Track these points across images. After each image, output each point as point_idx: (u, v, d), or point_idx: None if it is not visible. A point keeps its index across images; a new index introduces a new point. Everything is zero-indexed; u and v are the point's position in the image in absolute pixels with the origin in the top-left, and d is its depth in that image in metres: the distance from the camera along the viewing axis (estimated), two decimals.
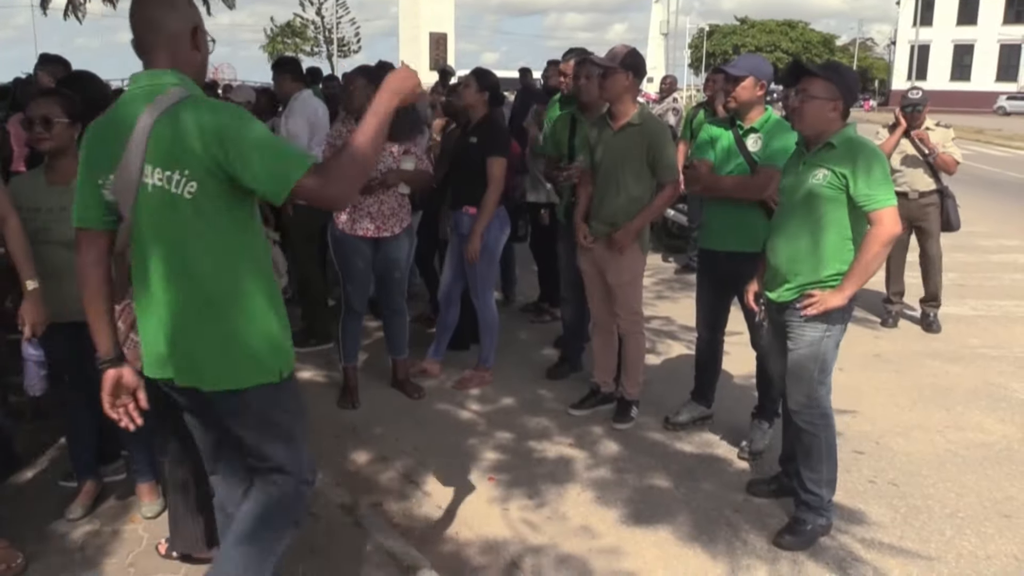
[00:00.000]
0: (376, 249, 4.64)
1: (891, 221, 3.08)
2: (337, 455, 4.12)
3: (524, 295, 6.94)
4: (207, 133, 2.03)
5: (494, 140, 4.82)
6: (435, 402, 4.81)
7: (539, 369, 5.31)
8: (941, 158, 5.98)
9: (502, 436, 4.36)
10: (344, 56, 44.35)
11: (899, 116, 6.09)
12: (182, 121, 2.04)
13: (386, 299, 4.86)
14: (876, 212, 3.07)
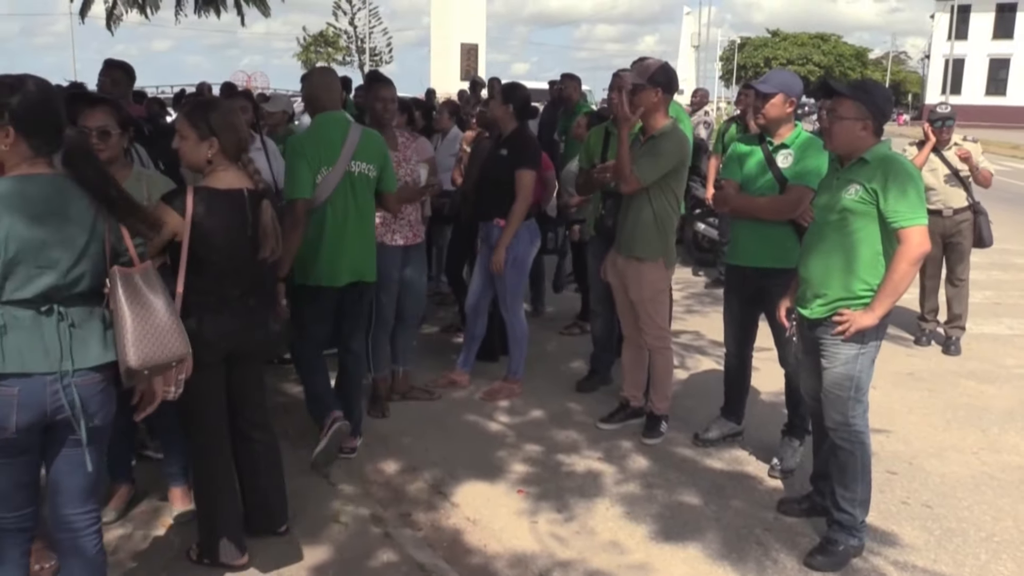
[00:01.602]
0: (406, 257, 4.68)
1: (919, 239, 3.05)
2: (366, 464, 4.14)
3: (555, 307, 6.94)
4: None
5: (524, 153, 4.84)
6: (463, 413, 4.81)
7: (568, 382, 5.30)
8: (983, 174, 5.92)
9: (531, 449, 4.36)
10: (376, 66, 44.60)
11: (928, 131, 6.02)
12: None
13: (412, 308, 4.87)
14: (904, 230, 3.05)
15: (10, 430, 2.29)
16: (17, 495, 2.43)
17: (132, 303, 2.34)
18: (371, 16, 44.88)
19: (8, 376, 2.26)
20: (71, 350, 2.32)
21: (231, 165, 3.00)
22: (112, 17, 9.42)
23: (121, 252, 2.41)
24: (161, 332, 2.38)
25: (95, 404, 2.39)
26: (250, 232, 2.98)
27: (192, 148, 2.96)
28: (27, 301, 2.27)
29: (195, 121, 2.96)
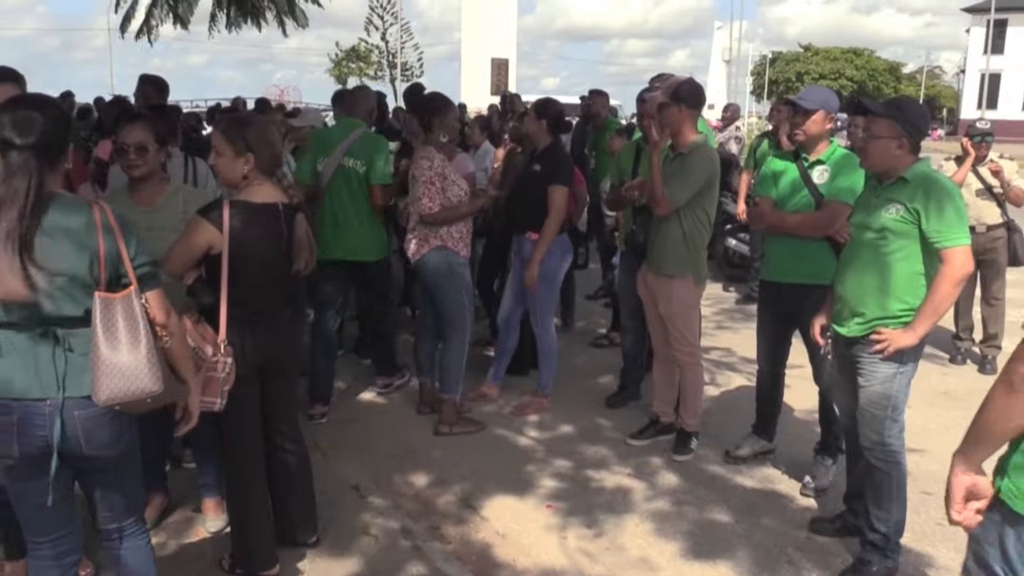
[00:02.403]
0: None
1: (963, 260, 3.01)
2: (396, 476, 4.16)
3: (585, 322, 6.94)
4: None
5: (556, 168, 4.86)
6: (493, 427, 4.82)
7: (598, 397, 5.29)
8: (1015, 192, 5.84)
9: (560, 464, 4.36)
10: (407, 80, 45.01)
11: (967, 146, 5.95)
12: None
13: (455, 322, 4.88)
14: (948, 250, 3.01)
15: (14, 457, 2.24)
16: (44, 519, 2.38)
17: (106, 333, 2.20)
18: (403, 31, 45.24)
19: (3, 402, 2.20)
20: (64, 377, 2.23)
21: (266, 180, 3.04)
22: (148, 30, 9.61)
23: (122, 274, 2.30)
24: (131, 368, 2.20)
25: (106, 435, 2.32)
26: (284, 246, 3.02)
27: (229, 164, 3.01)
28: (17, 324, 2.20)
29: (231, 137, 3.00)
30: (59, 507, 2.38)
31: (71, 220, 2.23)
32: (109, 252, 2.26)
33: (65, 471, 2.34)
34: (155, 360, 2.26)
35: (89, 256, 2.23)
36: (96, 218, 2.26)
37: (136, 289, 2.28)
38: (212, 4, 9.40)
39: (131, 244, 2.32)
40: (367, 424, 4.86)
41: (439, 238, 4.57)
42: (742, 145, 10.25)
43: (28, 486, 2.33)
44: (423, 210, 4.48)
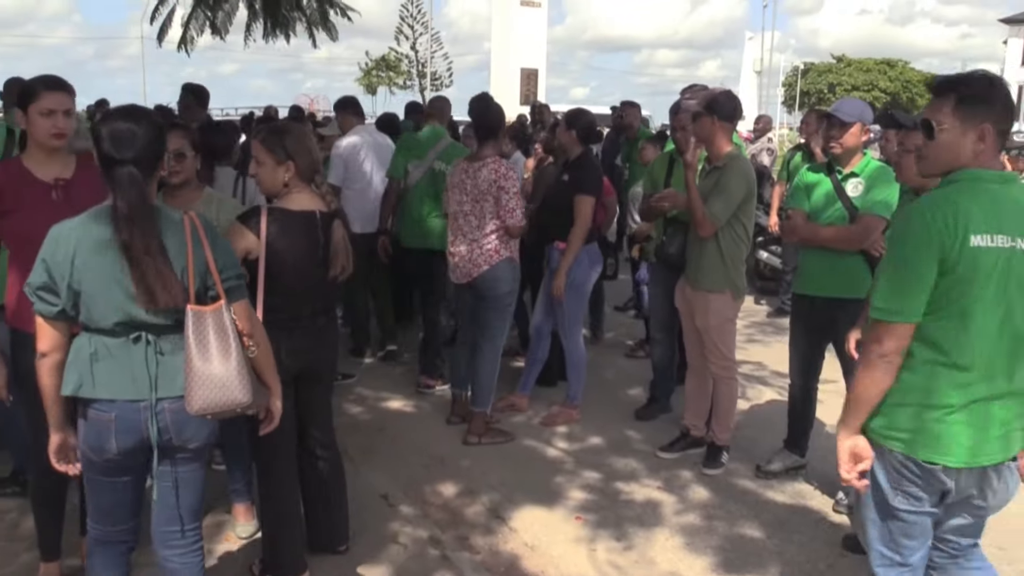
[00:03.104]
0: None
1: None
2: (425, 485, 4.19)
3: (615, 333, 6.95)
4: None
5: (584, 178, 4.89)
6: (522, 438, 4.83)
7: (627, 409, 5.29)
8: None
9: (589, 475, 4.36)
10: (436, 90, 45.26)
11: (1004, 161, 5.89)
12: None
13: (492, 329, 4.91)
14: None
15: (112, 452, 2.38)
16: (119, 512, 2.53)
17: (198, 344, 2.31)
18: (432, 41, 45.52)
19: (102, 402, 2.34)
20: (157, 379, 2.36)
21: (305, 187, 3.09)
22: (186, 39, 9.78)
23: (209, 286, 2.41)
24: (222, 379, 2.32)
25: (191, 429, 2.43)
26: (321, 253, 3.06)
27: (269, 173, 3.05)
28: (113, 330, 2.33)
29: (271, 146, 3.04)
30: (134, 501, 2.55)
31: (168, 232, 2.34)
32: (198, 263, 2.37)
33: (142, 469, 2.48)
34: (245, 372, 2.37)
35: (181, 267, 2.34)
36: (187, 229, 2.37)
37: (226, 302, 2.38)
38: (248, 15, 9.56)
39: (220, 256, 2.42)
40: (396, 432, 4.89)
41: (509, 249, 4.62)
42: (774, 157, 10.21)
43: (117, 480, 2.46)
44: (519, 222, 4.52)
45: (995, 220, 2.09)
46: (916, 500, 2.26)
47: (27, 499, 3.58)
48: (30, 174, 2.88)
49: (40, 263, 2.30)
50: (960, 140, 2.14)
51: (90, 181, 2.96)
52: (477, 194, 4.54)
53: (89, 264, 2.28)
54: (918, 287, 2.10)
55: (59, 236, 2.30)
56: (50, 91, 2.84)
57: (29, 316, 2.83)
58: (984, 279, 2.09)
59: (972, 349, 2.14)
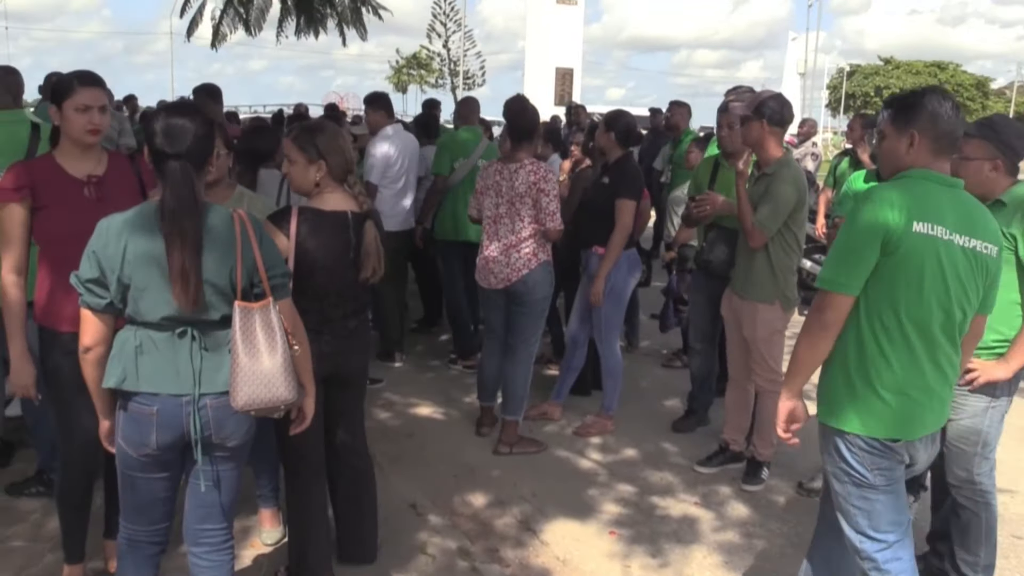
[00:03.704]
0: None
1: None
2: (454, 494, 4.19)
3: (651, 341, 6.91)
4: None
5: (624, 182, 4.88)
6: (554, 448, 4.82)
7: (663, 421, 5.25)
8: None
9: (624, 489, 4.33)
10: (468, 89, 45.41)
11: None
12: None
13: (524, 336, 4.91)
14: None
15: (151, 447, 2.42)
16: (153, 510, 2.56)
17: (245, 342, 2.37)
18: (465, 39, 45.77)
19: (144, 395, 2.38)
20: (201, 374, 2.40)
21: (337, 187, 3.10)
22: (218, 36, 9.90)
23: (256, 283, 2.46)
24: (268, 375, 2.39)
25: (231, 425, 2.47)
26: (352, 254, 3.08)
27: (301, 172, 3.08)
28: (160, 324, 2.38)
29: (303, 145, 3.07)
30: (168, 500, 2.57)
31: (217, 229, 2.39)
32: (246, 261, 2.42)
33: (178, 467, 2.53)
34: (290, 369, 2.45)
35: (229, 265, 2.40)
36: (236, 227, 2.42)
37: (273, 300, 2.43)
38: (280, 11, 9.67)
39: (267, 254, 2.47)
40: (425, 440, 4.89)
41: (546, 252, 4.63)
42: (818, 162, 10.12)
43: (153, 477, 2.50)
44: (559, 225, 4.53)
45: (936, 213, 2.41)
46: (888, 473, 2.51)
47: (52, 499, 3.63)
48: (63, 171, 2.92)
49: (90, 255, 2.35)
50: (896, 145, 2.52)
51: (122, 178, 3.01)
52: (513, 197, 4.53)
53: (139, 258, 2.33)
54: (860, 264, 2.40)
55: (110, 229, 2.35)
56: (85, 87, 2.88)
57: (58, 314, 2.89)
58: (922, 263, 2.38)
59: (916, 326, 2.42)
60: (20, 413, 4.37)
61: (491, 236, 4.67)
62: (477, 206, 4.80)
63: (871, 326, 2.44)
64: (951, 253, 2.40)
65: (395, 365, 6.20)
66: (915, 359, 2.44)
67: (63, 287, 2.78)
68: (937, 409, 2.54)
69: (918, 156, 2.48)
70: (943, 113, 2.46)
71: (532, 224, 4.53)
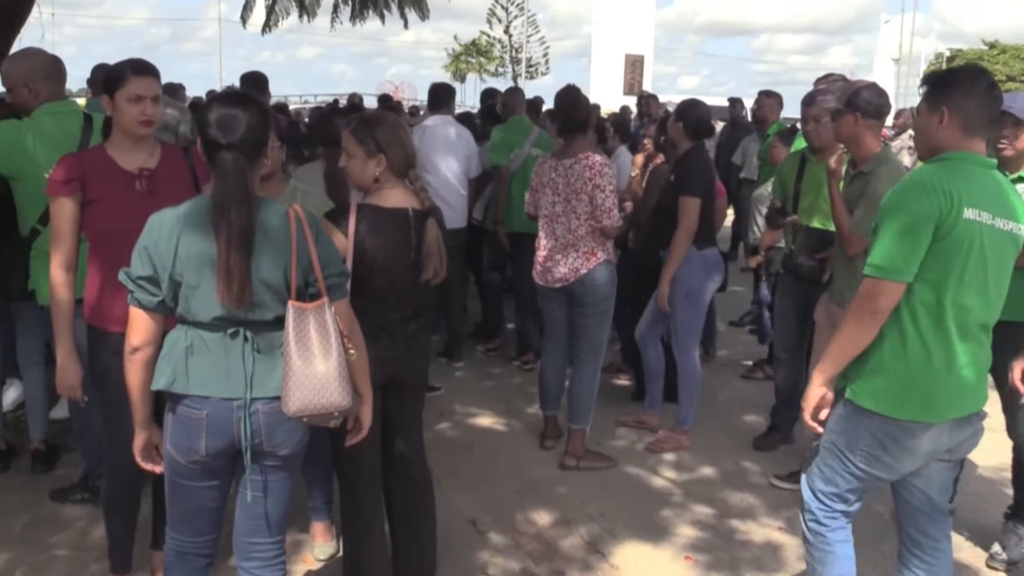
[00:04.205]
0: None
1: None
2: (516, 512, 4.19)
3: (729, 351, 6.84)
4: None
5: (688, 177, 4.87)
6: (624, 464, 4.78)
7: (743, 437, 5.17)
8: None
9: (700, 510, 4.28)
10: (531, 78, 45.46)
11: None
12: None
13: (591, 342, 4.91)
14: None
15: (200, 453, 2.45)
16: (201, 520, 2.60)
17: (299, 344, 2.38)
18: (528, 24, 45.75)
19: (194, 398, 2.42)
20: (253, 377, 2.43)
21: (398, 183, 3.12)
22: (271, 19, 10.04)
23: (311, 282, 2.48)
24: (322, 380, 2.39)
25: (282, 433, 2.50)
26: (413, 254, 3.09)
27: (359, 166, 3.09)
28: (212, 324, 2.41)
29: (361, 138, 3.08)
30: (217, 510, 2.61)
31: (271, 224, 2.42)
32: (301, 259, 2.43)
33: (227, 476, 2.56)
34: (345, 374, 2.44)
35: (284, 263, 2.41)
36: (291, 223, 2.44)
37: (328, 300, 2.44)
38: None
39: (323, 252, 2.48)
40: (485, 452, 4.91)
41: (606, 251, 4.61)
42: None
43: (202, 485, 2.54)
44: (616, 222, 4.54)
45: (981, 198, 2.55)
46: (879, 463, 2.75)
47: (97, 506, 3.73)
48: (114, 163, 2.99)
49: (141, 251, 2.39)
50: (927, 122, 2.67)
51: (175, 171, 3.07)
52: (570, 193, 4.54)
53: (192, 254, 2.36)
54: (915, 250, 2.51)
55: (161, 224, 2.39)
56: (138, 76, 2.94)
57: (107, 313, 2.95)
58: (969, 248, 2.52)
59: (955, 310, 2.58)
60: (66, 415, 4.50)
61: (548, 234, 4.69)
62: (533, 203, 4.82)
63: (910, 307, 2.58)
64: (994, 238, 2.56)
65: (456, 372, 6.23)
66: (948, 342, 2.59)
67: (112, 285, 2.84)
68: (969, 394, 2.67)
69: (950, 134, 2.60)
70: (975, 91, 2.58)
71: (589, 221, 4.54)
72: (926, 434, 2.64)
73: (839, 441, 2.79)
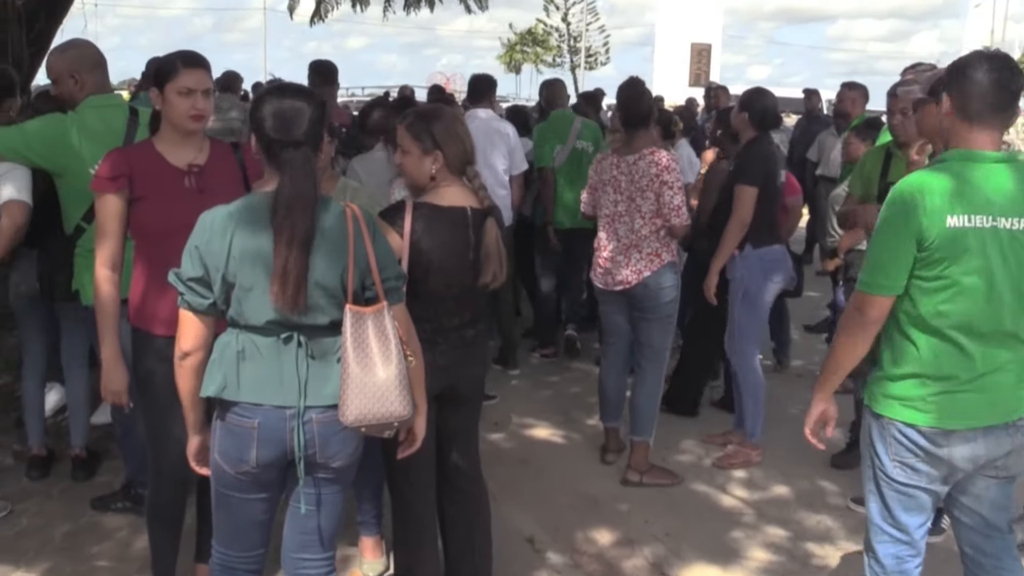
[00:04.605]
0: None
1: None
2: (576, 530, 4.17)
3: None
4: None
5: (746, 166, 4.86)
6: (691, 481, 4.75)
7: (820, 453, 4.97)
8: None
9: (773, 532, 4.23)
10: (590, 68, 45.42)
11: None
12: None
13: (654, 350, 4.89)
14: None
15: (250, 464, 2.47)
16: (249, 534, 2.63)
17: (357, 350, 2.39)
18: (587, 12, 45.66)
19: (245, 406, 2.44)
20: (307, 385, 2.44)
21: (455, 180, 3.12)
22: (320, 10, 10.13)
23: (367, 286, 2.50)
24: (381, 388, 2.41)
25: (336, 444, 2.51)
26: (472, 255, 3.09)
27: (415, 163, 3.10)
28: (265, 328, 2.43)
29: (417, 133, 3.09)
30: (266, 523, 2.63)
31: (328, 224, 2.43)
32: (359, 261, 2.45)
33: (277, 488, 2.58)
34: (406, 382, 2.46)
35: (340, 265, 2.43)
36: (348, 223, 2.45)
37: (387, 304, 2.45)
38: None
39: (380, 253, 2.50)
40: (542, 466, 4.90)
41: (670, 252, 4.59)
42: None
43: (251, 497, 2.56)
44: (685, 220, 4.53)
45: (975, 201, 2.52)
46: (913, 472, 2.71)
47: (139, 516, 3.80)
48: (162, 159, 3.03)
49: (192, 251, 2.41)
50: (932, 109, 2.78)
51: (225, 168, 3.10)
52: (633, 191, 4.52)
53: (246, 255, 2.38)
54: (895, 264, 2.58)
55: (214, 222, 2.41)
56: (189, 68, 2.98)
57: (152, 315, 3.00)
58: (962, 255, 2.52)
59: (960, 319, 2.57)
60: (108, 421, 4.58)
61: (609, 235, 4.67)
62: (591, 202, 4.81)
63: (910, 316, 2.62)
64: (997, 240, 2.53)
65: (512, 379, 6.24)
66: (959, 349, 2.59)
67: (158, 286, 2.88)
68: (1000, 403, 2.66)
69: (952, 124, 2.65)
70: (976, 75, 2.56)
71: (654, 220, 4.52)
72: (949, 440, 2.64)
73: (869, 454, 2.82)
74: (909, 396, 2.65)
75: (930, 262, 2.54)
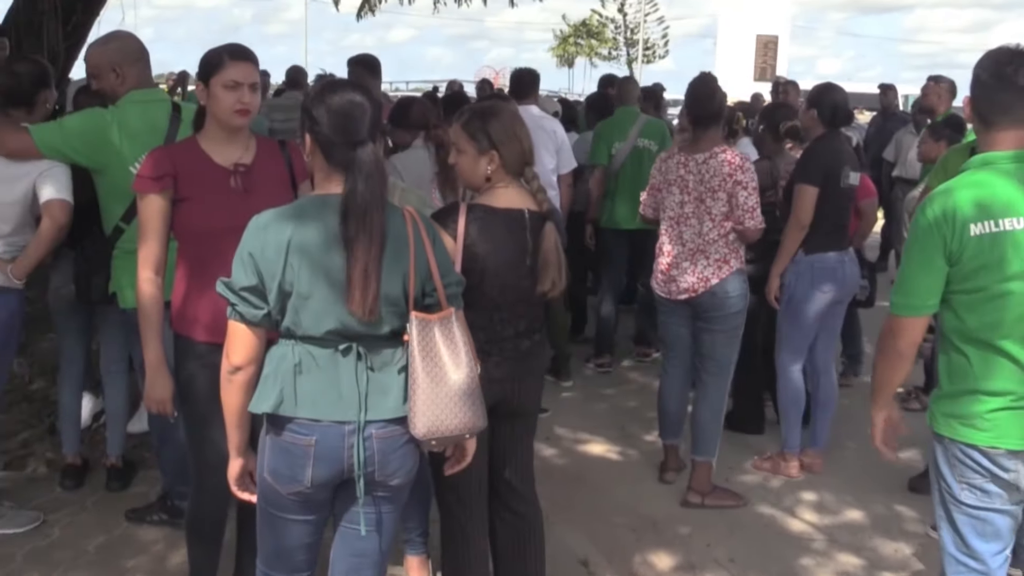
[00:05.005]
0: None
1: None
2: (634, 552, 4.16)
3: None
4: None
5: (807, 163, 4.87)
6: (757, 503, 4.71)
7: (896, 476, 4.99)
8: None
9: (846, 560, 4.19)
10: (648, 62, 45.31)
11: None
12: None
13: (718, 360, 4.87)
14: None
15: (304, 484, 2.46)
16: (296, 556, 2.63)
17: (426, 359, 2.40)
18: (645, 2, 45.53)
19: (302, 422, 2.42)
20: (367, 398, 2.44)
21: (512, 181, 3.12)
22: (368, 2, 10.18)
23: (428, 292, 2.50)
24: (453, 398, 2.41)
25: (396, 461, 2.50)
26: (529, 261, 3.09)
27: (470, 164, 3.11)
28: (323, 339, 2.42)
29: (473, 132, 3.09)
30: (314, 545, 2.64)
31: (393, 229, 2.44)
32: (420, 267, 2.46)
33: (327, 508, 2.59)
34: (478, 392, 2.47)
35: (402, 271, 2.44)
36: (408, 227, 2.46)
37: (454, 310, 2.47)
38: None
39: (440, 258, 2.52)
40: (598, 484, 4.89)
41: (739, 259, 4.58)
42: None
43: (300, 518, 2.57)
44: (760, 223, 4.51)
45: (997, 205, 2.51)
46: (983, 493, 2.65)
47: (175, 528, 3.85)
48: (207, 158, 3.05)
49: (246, 258, 2.40)
50: (965, 111, 2.76)
51: (272, 168, 3.13)
52: (703, 191, 4.50)
53: (305, 262, 2.37)
54: (925, 282, 2.60)
55: (267, 228, 2.40)
56: (236, 61, 3.00)
57: (193, 320, 3.03)
58: (1001, 264, 2.50)
59: (1008, 330, 2.55)
60: (145, 429, 4.64)
61: (673, 239, 4.63)
62: (653, 204, 4.78)
63: (954, 331, 2.61)
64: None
65: (563, 392, 6.24)
66: (1013, 362, 2.56)
67: (199, 289, 2.92)
68: None
69: (976, 125, 2.71)
70: (981, 73, 2.59)
71: (723, 223, 4.50)
72: (1014, 461, 2.59)
73: (936, 478, 2.78)
74: (966, 414, 2.62)
75: (965, 274, 2.54)
